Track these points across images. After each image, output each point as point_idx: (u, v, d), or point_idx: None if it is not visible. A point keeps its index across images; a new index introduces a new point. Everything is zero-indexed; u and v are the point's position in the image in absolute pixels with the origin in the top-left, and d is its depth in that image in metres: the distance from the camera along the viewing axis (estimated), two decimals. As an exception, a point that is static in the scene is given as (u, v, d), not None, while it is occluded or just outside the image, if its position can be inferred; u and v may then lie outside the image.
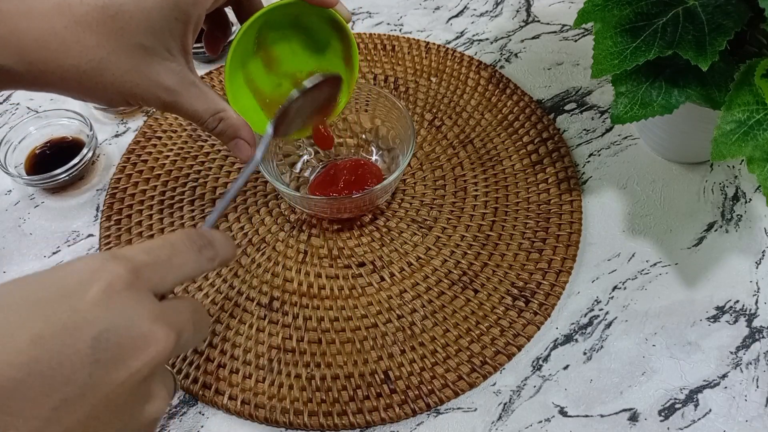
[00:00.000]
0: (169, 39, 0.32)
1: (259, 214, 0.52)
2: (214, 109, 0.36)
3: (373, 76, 0.61)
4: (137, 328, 0.23)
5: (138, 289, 0.24)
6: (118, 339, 0.22)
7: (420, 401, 0.42)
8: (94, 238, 0.51)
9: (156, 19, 0.31)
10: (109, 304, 0.22)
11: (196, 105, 0.35)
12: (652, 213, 0.51)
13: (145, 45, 0.32)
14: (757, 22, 0.41)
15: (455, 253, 0.49)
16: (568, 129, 0.57)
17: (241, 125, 0.38)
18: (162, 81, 0.33)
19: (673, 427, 0.41)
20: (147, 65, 0.32)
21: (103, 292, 0.22)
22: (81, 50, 0.30)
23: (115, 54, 0.31)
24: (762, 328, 0.45)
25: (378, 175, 0.50)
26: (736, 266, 0.48)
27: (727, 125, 0.38)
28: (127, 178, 0.54)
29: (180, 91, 0.34)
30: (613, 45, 0.42)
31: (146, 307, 0.24)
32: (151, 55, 0.32)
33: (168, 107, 0.35)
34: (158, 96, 0.34)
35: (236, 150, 0.39)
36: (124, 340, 0.22)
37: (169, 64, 0.33)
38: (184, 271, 0.27)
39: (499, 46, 0.64)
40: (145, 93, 0.33)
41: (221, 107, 0.37)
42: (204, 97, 0.36)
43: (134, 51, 0.32)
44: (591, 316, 0.46)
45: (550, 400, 0.42)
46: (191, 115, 0.36)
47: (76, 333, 0.21)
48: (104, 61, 0.31)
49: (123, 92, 0.33)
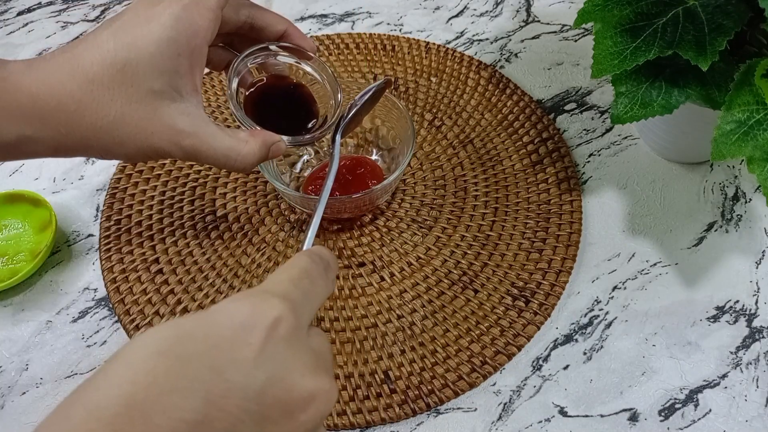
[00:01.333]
0: (177, 78, 0.33)
1: (259, 214, 0.52)
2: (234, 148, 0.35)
3: (373, 76, 0.61)
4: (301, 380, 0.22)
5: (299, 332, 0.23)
6: (284, 393, 0.22)
7: (420, 401, 0.42)
8: (94, 238, 0.51)
9: (160, 61, 0.32)
10: (274, 353, 0.22)
11: (215, 145, 0.35)
12: (652, 213, 0.51)
13: (155, 89, 0.32)
14: (757, 22, 0.41)
15: (455, 253, 0.49)
16: (568, 129, 0.57)
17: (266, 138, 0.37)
18: (176, 124, 0.33)
19: (673, 427, 0.41)
20: (161, 110, 0.33)
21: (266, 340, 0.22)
22: (97, 107, 0.31)
23: (129, 105, 0.32)
24: (762, 328, 0.45)
25: (378, 175, 0.50)
26: (736, 266, 0.48)
27: (727, 125, 0.38)
28: (127, 178, 0.54)
29: (196, 133, 0.34)
30: (613, 45, 0.42)
31: (307, 354, 0.23)
32: (162, 99, 0.33)
33: (188, 153, 0.34)
34: (176, 141, 0.33)
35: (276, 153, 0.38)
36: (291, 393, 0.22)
37: (180, 105, 0.33)
38: (320, 298, 0.27)
39: (499, 46, 0.64)
40: (162, 140, 0.33)
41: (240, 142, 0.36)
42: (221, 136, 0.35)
43: (146, 98, 0.32)
44: (591, 316, 0.46)
45: (550, 400, 0.42)
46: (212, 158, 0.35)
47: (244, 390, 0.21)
48: (119, 114, 0.32)
49: (141, 144, 0.33)
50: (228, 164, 0.36)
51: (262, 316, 0.22)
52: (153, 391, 0.20)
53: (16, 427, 0.42)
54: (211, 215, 0.52)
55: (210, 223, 0.51)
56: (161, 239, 0.50)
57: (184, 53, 0.33)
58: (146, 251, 0.50)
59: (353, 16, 0.67)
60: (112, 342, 0.46)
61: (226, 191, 0.53)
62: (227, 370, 0.21)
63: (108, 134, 0.32)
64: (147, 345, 0.21)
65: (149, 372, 0.20)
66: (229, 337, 0.22)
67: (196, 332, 0.22)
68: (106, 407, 0.19)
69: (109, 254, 0.50)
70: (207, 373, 0.21)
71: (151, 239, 0.50)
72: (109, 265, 0.49)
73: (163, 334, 0.22)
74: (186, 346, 0.21)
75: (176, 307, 0.47)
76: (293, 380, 0.22)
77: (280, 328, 0.22)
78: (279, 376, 0.22)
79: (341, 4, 0.69)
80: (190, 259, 0.49)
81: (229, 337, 0.22)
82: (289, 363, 0.22)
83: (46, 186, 0.55)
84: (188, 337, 0.22)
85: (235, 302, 0.23)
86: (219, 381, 0.21)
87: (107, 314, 0.47)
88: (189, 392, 0.20)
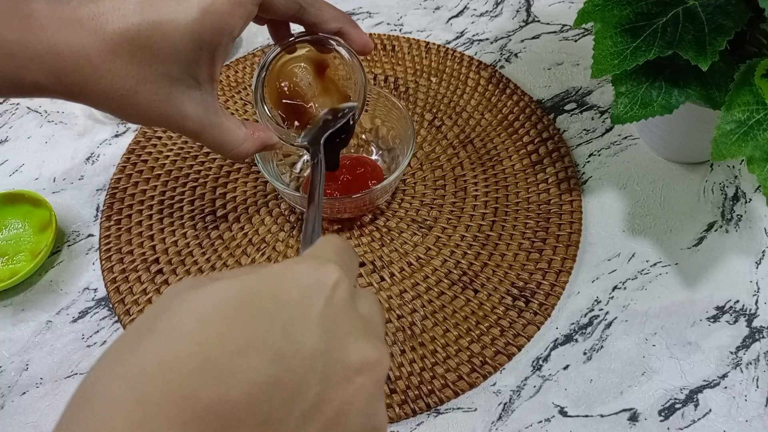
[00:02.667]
0: (196, 68, 0.33)
1: (259, 214, 0.52)
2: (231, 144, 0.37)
3: (373, 76, 0.61)
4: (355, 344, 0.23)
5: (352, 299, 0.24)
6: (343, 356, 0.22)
7: (420, 401, 0.42)
8: (94, 238, 0.51)
9: (182, 51, 0.32)
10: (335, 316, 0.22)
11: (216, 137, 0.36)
12: (652, 213, 0.51)
13: (172, 74, 0.33)
14: (757, 22, 0.41)
15: (455, 253, 0.49)
16: (568, 129, 0.57)
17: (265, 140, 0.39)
18: (186, 110, 0.34)
19: (673, 427, 0.41)
20: (174, 95, 0.33)
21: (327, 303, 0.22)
22: (112, 79, 0.32)
23: (144, 84, 0.32)
24: (762, 328, 0.45)
25: (378, 175, 0.50)
26: (736, 266, 0.48)
27: (727, 125, 0.38)
28: (127, 178, 0.54)
29: (202, 122, 0.35)
30: (613, 45, 0.42)
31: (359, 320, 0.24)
32: (178, 85, 0.33)
33: (194, 136, 0.36)
34: (184, 126, 0.35)
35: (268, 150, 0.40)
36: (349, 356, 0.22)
37: (193, 93, 0.34)
38: (356, 273, 0.27)
39: (499, 46, 0.64)
40: (171, 122, 0.34)
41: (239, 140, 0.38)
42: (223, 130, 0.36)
43: (162, 80, 0.33)
44: (591, 316, 0.46)
45: (550, 400, 0.42)
46: (209, 145, 0.37)
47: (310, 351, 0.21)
48: (132, 90, 0.32)
49: (151, 119, 0.34)
50: (222, 154, 0.38)
51: (325, 278, 0.23)
52: (225, 350, 0.20)
53: (16, 427, 0.42)
54: (211, 215, 0.52)
55: (210, 223, 0.51)
56: (161, 239, 0.50)
57: (206, 48, 0.33)
58: (146, 251, 0.50)
59: (353, 16, 0.67)
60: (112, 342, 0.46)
61: (226, 191, 0.53)
62: (296, 331, 0.21)
63: (119, 105, 0.33)
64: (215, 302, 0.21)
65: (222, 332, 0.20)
66: (296, 298, 0.22)
67: (265, 292, 0.22)
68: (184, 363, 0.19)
69: (109, 254, 0.50)
70: (278, 333, 0.21)
71: (151, 239, 0.50)
72: (109, 265, 0.49)
73: (229, 291, 0.21)
74: (256, 306, 0.21)
75: (176, 307, 0.47)
76: (350, 343, 0.22)
77: (338, 291, 0.23)
78: (338, 339, 0.22)
79: (341, 4, 0.69)
80: (190, 259, 0.49)
81: (296, 299, 0.22)
82: (346, 327, 0.23)
83: (46, 186, 0.55)
84: (258, 296, 0.22)
85: (298, 264, 0.23)
86: (288, 342, 0.21)
87: (107, 314, 0.47)
88: (261, 352, 0.20)
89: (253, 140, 0.38)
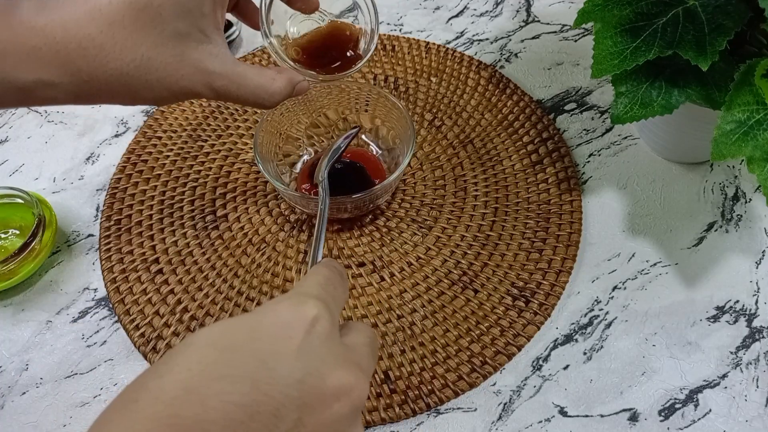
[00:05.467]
0: (201, 19, 0.31)
1: (259, 214, 0.52)
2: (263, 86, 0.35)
3: (373, 76, 0.61)
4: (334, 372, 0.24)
5: (333, 330, 0.25)
6: (320, 383, 0.24)
7: (420, 401, 0.42)
8: (94, 238, 0.51)
9: (185, 2, 0.31)
10: (312, 347, 0.24)
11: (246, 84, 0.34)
12: (652, 213, 0.51)
13: (180, 31, 0.31)
14: (757, 22, 0.41)
15: (455, 253, 0.49)
16: (568, 129, 0.57)
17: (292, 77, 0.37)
18: (207, 67, 0.32)
19: (673, 427, 0.41)
20: (188, 53, 0.31)
21: (305, 336, 0.24)
22: (120, 52, 0.30)
23: (155, 48, 0.30)
24: (762, 328, 0.45)
25: (379, 169, 0.50)
26: (736, 266, 0.48)
27: (727, 125, 0.38)
28: (127, 178, 0.54)
29: (227, 74, 0.33)
30: (613, 45, 0.42)
31: (340, 349, 0.25)
32: (189, 41, 0.31)
33: (219, 93, 0.34)
34: (207, 83, 0.33)
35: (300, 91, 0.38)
36: (325, 383, 0.24)
37: (207, 47, 0.32)
38: (343, 301, 0.29)
39: (499, 46, 0.64)
40: (193, 82, 0.32)
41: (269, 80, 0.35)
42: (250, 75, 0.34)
43: (172, 40, 0.31)
44: (591, 316, 0.46)
45: (550, 400, 0.42)
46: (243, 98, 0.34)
47: (286, 378, 0.23)
48: (145, 58, 0.30)
49: (171, 87, 0.32)
50: (257, 103, 0.35)
51: (303, 314, 0.25)
52: (205, 376, 0.22)
53: (16, 427, 0.42)
54: (211, 215, 0.52)
55: (210, 223, 0.51)
56: (161, 239, 0.50)
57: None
58: (146, 251, 0.50)
59: (353, 16, 0.67)
60: (112, 342, 0.46)
61: (226, 191, 0.53)
62: (271, 360, 0.23)
63: (135, 79, 0.31)
64: (200, 338, 0.24)
65: (201, 360, 0.23)
66: (273, 332, 0.24)
67: (243, 327, 0.24)
68: (167, 391, 0.22)
69: (109, 254, 0.50)
70: (253, 362, 0.23)
71: (151, 239, 0.50)
72: (109, 265, 0.49)
73: (213, 330, 0.24)
74: (234, 338, 0.24)
75: (176, 307, 0.47)
76: (327, 372, 0.24)
77: (318, 325, 0.25)
78: (315, 367, 0.24)
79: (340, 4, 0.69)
80: (190, 259, 0.49)
81: (273, 333, 0.24)
82: (324, 356, 0.24)
83: (46, 186, 0.55)
84: (235, 331, 0.24)
85: (279, 303, 0.25)
86: (264, 369, 0.23)
87: (107, 314, 0.47)
88: (237, 378, 0.22)
89: (281, 77, 0.36)
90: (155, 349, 0.45)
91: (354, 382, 0.24)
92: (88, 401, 0.43)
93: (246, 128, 0.58)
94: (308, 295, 0.26)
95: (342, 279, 0.29)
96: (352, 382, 0.24)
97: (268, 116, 0.49)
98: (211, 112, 0.59)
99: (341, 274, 0.30)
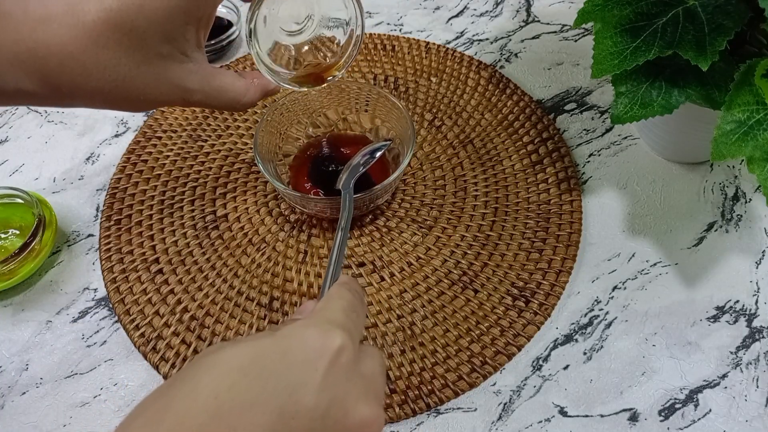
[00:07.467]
0: (184, 43, 0.33)
1: (259, 214, 0.52)
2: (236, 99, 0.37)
3: (373, 76, 0.61)
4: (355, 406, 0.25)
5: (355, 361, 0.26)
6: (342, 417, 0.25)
7: (420, 401, 0.42)
8: (94, 238, 0.51)
9: (169, 29, 0.31)
10: (336, 380, 0.25)
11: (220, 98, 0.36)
12: (652, 213, 0.51)
13: (163, 53, 0.32)
14: (757, 22, 0.41)
15: (455, 253, 0.49)
16: (568, 129, 0.57)
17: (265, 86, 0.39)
18: (185, 84, 0.33)
19: (673, 427, 0.41)
20: (169, 72, 0.33)
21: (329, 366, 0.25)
22: (102, 71, 0.30)
23: (136, 68, 0.31)
24: (762, 328, 0.45)
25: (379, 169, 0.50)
26: (736, 266, 0.48)
27: (727, 125, 0.38)
28: (127, 178, 0.54)
29: (203, 89, 0.35)
30: (613, 45, 0.42)
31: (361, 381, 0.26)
32: (170, 62, 0.32)
33: (201, 105, 0.36)
34: (185, 98, 0.34)
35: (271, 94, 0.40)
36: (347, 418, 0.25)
37: (187, 65, 0.33)
38: (363, 327, 0.30)
39: (499, 46, 0.64)
40: (171, 98, 0.34)
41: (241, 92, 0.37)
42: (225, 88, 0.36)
43: (153, 61, 0.32)
44: (591, 316, 0.46)
45: (550, 400, 0.42)
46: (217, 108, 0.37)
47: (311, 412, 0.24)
48: (127, 78, 0.31)
49: (150, 101, 0.33)
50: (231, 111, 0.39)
51: (330, 343, 0.26)
52: (235, 404, 0.22)
53: (16, 427, 0.42)
54: (211, 215, 0.52)
55: (210, 223, 0.51)
56: (161, 239, 0.50)
57: (193, 21, 0.32)
58: (146, 251, 0.50)
59: (353, 16, 0.67)
60: (112, 342, 0.46)
61: (226, 191, 0.53)
62: (299, 392, 0.24)
63: (115, 96, 0.32)
64: (228, 360, 0.24)
65: (232, 387, 0.23)
66: (301, 360, 0.25)
67: (273, 354, 0.25)
68: (195, 416, 0.22)
69: (109, 254, 0.50)
70: (283, 392, 0.24)
71: (151, 239, 0.50)
72: (109, 265, 0.49)
73: (243, 351, 0.24)
74: (263, 365, 0.24)
75: (176, 307, 0.47)
76: (349, 406, 0.25)
77: (342, 356, 0.26)
78: (339, 401, 0.25)
79: (341, 4, 0.69)
80: (190, 259, 0.49)
81: (301, 361, 0.25)
82: (348, 390, 0.25)
83: (46, 186, 0.55)
84: (266, 357, 0.24)
85: (306, 328, 0.26)
86: (292, 402, 0.23)
87: (107, 314, 0.47)
88: (266, 408, 0.23)
89: (255, 88, 0.38)
90: (155, 349, 0.45)
91: (374, 417, 0.25)
92: (88, 401, 0.43)
93: (246, 128, 0.58)
94: (334, 324, 0.27)
95: (362, 305, 0.30)
96: (373, 417, 0.25)
97: (268, 116, 0.49)
98: (211, 112, 0.59)
99: (362, 300, 0.31)
